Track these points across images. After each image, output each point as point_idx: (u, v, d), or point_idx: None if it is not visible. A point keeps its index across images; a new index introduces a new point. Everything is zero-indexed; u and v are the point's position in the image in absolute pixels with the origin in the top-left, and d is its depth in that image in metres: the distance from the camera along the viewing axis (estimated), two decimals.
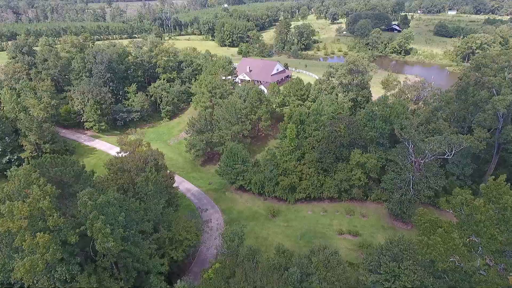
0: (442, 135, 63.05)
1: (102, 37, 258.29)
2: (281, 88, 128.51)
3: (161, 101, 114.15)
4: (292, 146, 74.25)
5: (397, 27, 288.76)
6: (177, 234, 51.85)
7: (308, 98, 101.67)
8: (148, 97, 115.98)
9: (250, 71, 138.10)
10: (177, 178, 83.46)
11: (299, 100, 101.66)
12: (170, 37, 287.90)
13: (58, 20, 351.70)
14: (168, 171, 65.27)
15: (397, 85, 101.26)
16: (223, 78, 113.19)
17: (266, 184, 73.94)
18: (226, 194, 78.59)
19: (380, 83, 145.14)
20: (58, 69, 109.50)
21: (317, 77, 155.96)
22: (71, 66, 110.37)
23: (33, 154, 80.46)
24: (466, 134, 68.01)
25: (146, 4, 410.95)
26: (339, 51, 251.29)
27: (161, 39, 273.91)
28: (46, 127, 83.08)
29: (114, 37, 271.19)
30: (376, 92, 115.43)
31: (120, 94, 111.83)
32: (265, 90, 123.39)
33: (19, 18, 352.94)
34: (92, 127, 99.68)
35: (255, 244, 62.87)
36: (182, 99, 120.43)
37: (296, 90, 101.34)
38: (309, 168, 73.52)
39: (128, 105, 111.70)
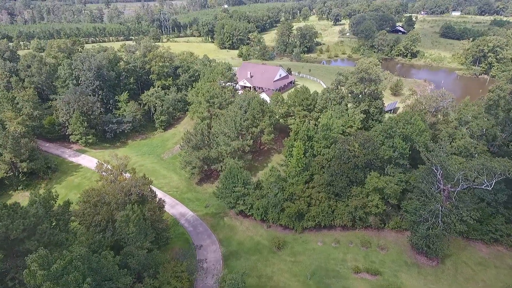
0: (475, 158, 54.29)
1: (97, 39, 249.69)
2: (285, 96, 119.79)
3: (155, 111, 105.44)
4: (299, 167, 65.43)
5: (401, 29, 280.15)
6: (165, 282, 43.16)
7: (315, 108, 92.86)
8: (141, 106, 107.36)
9: (251, 77, 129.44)
10: (170, 200, 75.15)
11: (305, 110, 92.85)
12: (168, 39, 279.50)
13: (54, 22, 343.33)
14: (158, 198, 56.38)
15: (412, 94, 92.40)
16: (222, 83, 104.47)
17: (270, 211, 65.17)
18: (224, 220, 69.77)
19: (389, 88, 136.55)
20: (43, 76, 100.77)
21: (322, 83, 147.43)
22: (57, 73, 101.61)
23: (8, 174, 71.80)
24: (497, 155, 59.37)
25: (145, 5, 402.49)
26: (343, 53, 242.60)
27: (159, 41, 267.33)
28: (24, 143, 74.40)
29: (111, 39, 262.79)
30: (385, 99, 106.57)
31: (111, 103, 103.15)
32: (267, 98, 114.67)
33: (14, 19, 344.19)
34: (78, 140, 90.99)
35: (258, 284, 54.27)
36: (178, 107, 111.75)
37: (302, 100, 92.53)
38: (318, 193, 64.72)
39: (119, 115, 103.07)
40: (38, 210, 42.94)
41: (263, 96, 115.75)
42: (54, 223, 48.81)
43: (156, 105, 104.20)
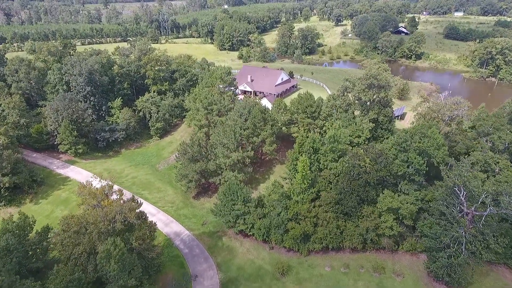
0: (498, 174, 48.65)
1: (94, 40, 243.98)
2: (288, 102, 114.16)
3: (150, 117, 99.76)
4: (305, 184, 59.78)
5: (404, 30, 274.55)
6: None
7: (320, 116, 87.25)
8: (136, 113, 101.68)
9: (252, 81, 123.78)
10: (164, 217, 69.55)
11: (309, 118, 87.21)
12: (167, 40, 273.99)
13: (51, 22, 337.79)
14: (149, 221, 50.65)
15: (424, 101, 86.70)
16: (221, 87, 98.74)
17: (273, 232, 59.58)
18: (223, 241, 64.11)
19: (396, 92, 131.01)
20: (31, 81, 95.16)
21: (325, 87, 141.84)
22: (47, 77, 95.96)
23: None
24: None
25: (144, 5, 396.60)
26: (345, 55, 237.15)
27: (158, 42, 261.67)
28: (6, 155, 68.81)
29: (108, 40, 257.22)
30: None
31: (103, 109, 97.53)
32: (269, 105, 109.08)
33: (11, 19, 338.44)
34: (67, 150, 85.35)
35: None
36: (174, 114, 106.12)
37: (306, 107, 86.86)
38: (326, 212, 59.08)
39: (112, 122, 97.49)
40: (8, 242, 37.37)
41: (265, 102, 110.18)
42: (30, 253, 43.33)
43: (152, 111, 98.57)
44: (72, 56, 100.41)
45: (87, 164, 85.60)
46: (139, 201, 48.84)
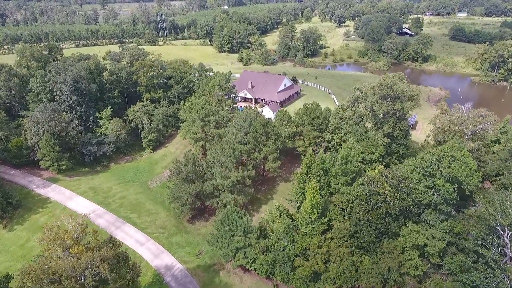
0: None
1: (89, 42, 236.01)
2: (291, 111, 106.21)
3: (142, 128, 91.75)
4: (314, 214, 51.81)
5: (408, 31, 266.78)
6: None
7: (327, 129, 79.37)
8: (127, 123, 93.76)
9: (253, 87, 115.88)
10: (154, 246, 61.56)
11: (315, 130, 79.38)
12: (165, 42, 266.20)
13: (47, 23, 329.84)
14: (132, 263, 42.63)
15: (443, 113, 78.63)
16: (220, 94, 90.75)
17: (278, 269, 51.64)
18: (220, 277, 56.14)
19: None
20: (12, 90, 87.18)
21: (330, 92, 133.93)
22: (30, 85, 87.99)
23: None
24: None
25: (143, 6, 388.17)
26: (349, 57, 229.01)
27: (155, 44, 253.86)
28: None
29: (104, 42, 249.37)
30: None
31: (91, 120, 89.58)
32: (271, 114, 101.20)
33: (5, 20, 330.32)
34: (49, 167, 77.32)
35: None
36: (169, 124, 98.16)
37: (312, 118, 78.96)
38: (339, 247, 51.14)
39: (101, 133, 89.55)
40: None
41: (266, 110, 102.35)
42: None
43: (144, 122, 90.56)
44: (57, 62, 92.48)
45: (71, 182, 77.55)
46: (118, 243, 40.81)
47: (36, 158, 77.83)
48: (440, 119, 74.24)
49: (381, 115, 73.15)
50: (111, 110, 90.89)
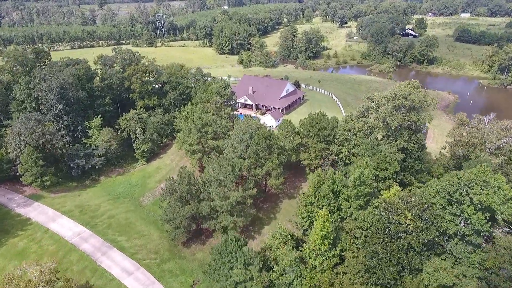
0: None
1: (85, 43, 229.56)
2: (294, 116, 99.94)
3: (135, 138, 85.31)
4: (325, 245, 45.39)
5: (412, 32, 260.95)
6: None
7: (335, 140, 72.99)
8: (118, 133, 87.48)
9: (254, 92, 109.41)
10: (144, 277, 55.11)
11: (322, 142, 73.03)
12: (163, 43, 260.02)
13: (43, 24, 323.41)
14: None
15: (462, 125, 72.03)
16: (218, 102, 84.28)
17: None
18: None
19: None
20: None
21: (335, 97, 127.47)
22: (13, 93, 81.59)
23: None
24: None
25: (141, 6, 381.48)
26: (352, 59, 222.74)
27: (153, 46, 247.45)
28: None
29: (100, 43, 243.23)
30: None
31: (79, 130, 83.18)
32: (273, 122, 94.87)
33: (0, 21, 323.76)
34: (31, 183, 70.91)
35: None
36: (164, 132, 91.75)
37: (319, 130, 72.64)
38: (353, 284, 44.73)
39: (90, 144, 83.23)
40: None
41: (268, 119, 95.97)
42: None
43: (137, 131, 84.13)
44: (44, 67, 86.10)
45: (56, 200, 71.05)
46: None
47: (17, 173, 71.36)
48: (458, 131, 67.73)
49: (393, 127, 66.81)
50: (102, 119, 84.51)
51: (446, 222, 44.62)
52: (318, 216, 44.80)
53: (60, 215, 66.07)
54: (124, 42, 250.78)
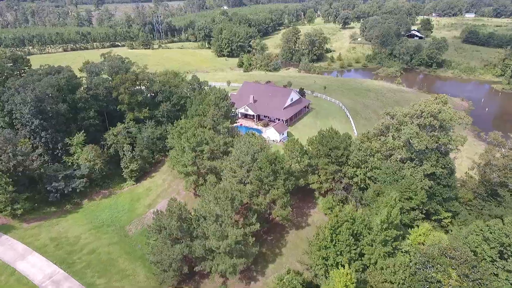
0: None
1: (78, 46, 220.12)
2: (300, 127, 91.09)
3: (123, 155, 76.18)
4: None
5: (417, 33, 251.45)
6: None
7: (349, 161, 63.84)
8: (105, 149, 78.41)
9: (255, 101, 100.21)
10: None
11: (333, 164, 63.98)
12: (160, 45, 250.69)
13: (38, 25, 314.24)
14: None
15: (496, 146, 62.53)
16: (216, 115, 75.03)
17: None
18: None
19: None
20: None
21: (342, 106, 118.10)
22: None
23: None
24: None
25: (139, 6, 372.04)
26: (357, 62, 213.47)
27: (150, 48, 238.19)
28: None
29: (95, 45, 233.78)
30: None
31: (59, 148, 74.02)
32: (277, 135, 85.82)
33: None
34: (1, 211, 61.76)
35: None
36: (156, 148, 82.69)
37: (330, 149, 63.58)
38: None
39: (72, 163, 74.10)
40: None
41: (271, 132, 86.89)
42: None
43: (124, 148, 75.04)
44: (21, 77, 77.04)
45: (29, 231, 61.80)
46: None
47: None
48: (491, 154, 58.58)
49: (424, 151, 57.47)
50: (85, 134, 75.32)
51: (499, 281, 35.59)
52: (339, 275, 35.67)
53: (31, 252, 56.86)
54: (119, 44, 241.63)
